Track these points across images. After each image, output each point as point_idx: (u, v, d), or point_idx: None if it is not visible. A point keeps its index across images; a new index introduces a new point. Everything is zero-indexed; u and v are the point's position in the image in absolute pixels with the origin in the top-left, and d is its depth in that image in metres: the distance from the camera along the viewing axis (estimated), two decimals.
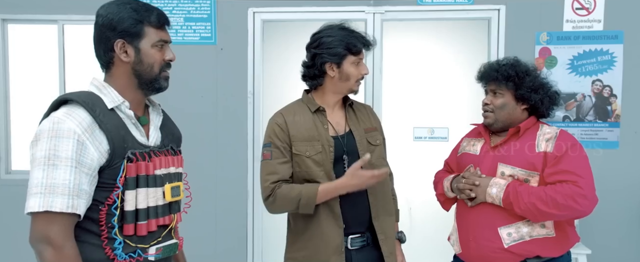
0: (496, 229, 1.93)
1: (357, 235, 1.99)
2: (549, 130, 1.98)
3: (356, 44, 1.93)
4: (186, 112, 3.28)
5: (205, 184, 3.31)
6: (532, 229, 1.92)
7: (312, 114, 2.00)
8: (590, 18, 3.13)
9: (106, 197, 1.36)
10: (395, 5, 3.24)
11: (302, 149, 1.96)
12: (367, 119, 2.09)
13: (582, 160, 1.92)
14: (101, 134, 1.34)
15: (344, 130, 2.02)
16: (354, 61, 1.95)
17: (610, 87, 3.13)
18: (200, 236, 3.34)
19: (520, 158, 1.93)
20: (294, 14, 3.30)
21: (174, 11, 3.29)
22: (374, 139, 2.05)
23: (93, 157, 1.31)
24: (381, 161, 2.06)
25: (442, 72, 4.37)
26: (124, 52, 1.42)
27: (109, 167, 1.35)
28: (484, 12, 3.21)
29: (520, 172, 1.92)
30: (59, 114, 1.33)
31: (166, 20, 1.48)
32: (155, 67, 1.46)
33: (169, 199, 1.49)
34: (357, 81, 1.99)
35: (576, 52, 3.14)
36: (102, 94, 1.41)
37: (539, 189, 1.87)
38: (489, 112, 2.03)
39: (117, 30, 1.41)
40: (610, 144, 3.14)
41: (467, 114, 4.06)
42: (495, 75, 2.00)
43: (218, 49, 3.30)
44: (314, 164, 1.94)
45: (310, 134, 1.96)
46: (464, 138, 2.23)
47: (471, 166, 2.06)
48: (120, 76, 1.45)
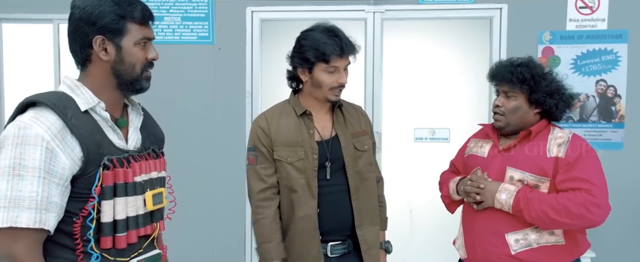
0: (503, 235, 1.87)
1: (337, 242, 1.93)
2: (561, 133, 1.91)
3: (327, 51, 1.80)
4: (183, 112, 3.25)
5: (202, 184, 3.27)
6: (540, 236, 1.85)
7: (297, 117, 1.92)
8: (594, 17, 3.08)
9: (81, 209, 1.24)
10: (396, 4, 3.20)
11: (284, 155, 1.90)
12: (357, 122, 2.00)
13: (596, 166, 1.85)
14: (73, 140, 1.22)
15: (330, 134, 1.95)
16: (325, 69, 1.84)
17: (614, 87, 3.08)
18: (197, 237, 3.31)
19: (531, 163, 1.86)
20: (293, 13, 3.25)
21: (170, 10, 3.24)
22: (362, 144, 1.97)
23: (64, 165, 1.20)
24: (368, 167, 1.97)
25: (443, 72, 4.32)
26: (103, 50, 1.30)
27: (83, 176, 1.23)
28: (485, 11, 3.16)
29: (530, 178, 1.85)
30: (25, 118, 1.20)
31: (151, 15, 1.37)
32: (137, 67, 1.35)
33: (150, 207, 1.37)
34: (331, 90, 1.87)
35: (580, 51, 3.09)
36: (75, 95, 1.28)
37: (551, 196, 1.80)
38: (500, 115, 1.94)
39: (97, 25, 1.28)
40: (614, 145, 3.08)
41: (468, 115, 4.01)
42: (510, 77, 1.90)
43: (216, 49, 3.26)
44: (294, 170, 1.88)
45: (293, 139, 1.90)
46: (471, 138, 2.17)
47: (478, 169, 2.00)
48: (97, 75, 1.32)
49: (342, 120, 1.98)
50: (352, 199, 1.93)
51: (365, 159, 1.96)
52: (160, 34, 3.24)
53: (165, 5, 3.24)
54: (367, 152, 1.98)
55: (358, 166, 1.94)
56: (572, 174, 1.80)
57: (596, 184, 1.79)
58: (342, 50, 1.83)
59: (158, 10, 3.23)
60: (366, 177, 1.96)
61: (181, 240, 3.29)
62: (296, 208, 1.89)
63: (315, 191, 1.89)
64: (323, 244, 1.92)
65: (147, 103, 3.43)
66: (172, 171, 3.35)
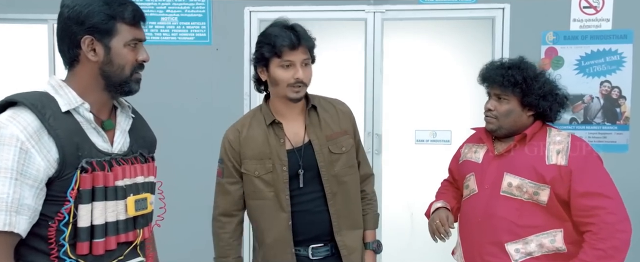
0: (503, 245, 1.81)
1: (319, 245, 1.87)
2: (559, 137, 1.84)
3: (278, 43, 1.72)
4: (181, 114, 3.21)
5: (200, 186, 3.22)
6: (541, 244, 1.79)
7: (267, 127, 1.85)
8: (598, 17, 3.03)
9: (56, 212, 1.21)
10: (396, 4, 3.15)
11: (251, 168, 1.84)
12: (334, 121, 1.90)
13: (603, 174, 1.79)
14: (50, 141, 1.19)
15: (303, 140, 1.85)
16: (280, 64, 1.76)
17: (619, 88, 3.03)
18: (196, 238, 3.27)
19: (529, 169, 1.80)
20: (292, 14, 3.18)
21: (167, 10, 3.20)
22: (339, 147, 1.87)
23: (39, 167, 1.17)
24: (346, 170, 1.87)
25: (444, 73, 4.28)
26: (91, 50, 1.27)
27: (59, 178, 1.20)
28: (487, 11, 3.11)
29: (529, 184, 1.79)
30: (2, 117, 1.19)
31: (142, 16, 1.34)
32: (127, 69, 1.32)
33: (132, 213, 1.32)
34: (289, 86, 1.77)
35: (584, 52, 3.04)
36: (58, 95, 1.25)
37: (583, 256, 1.73)
38: (493, 118, 1.88)
39: (86, 25, 1.25)
40: (619, 148, 3.03)
41: (470, 117, 3.97)
42: (501, 80, 1.84)
43: (213, 49, 3.21)
44: (263, 184, 1.83)
45: (261, 151, 1.83)
46: (464, 144, 2.11)
47: (472, 175, 1.94)
48: (84, 76, 1.29)
49: (316, 122, 1.88)
50: (329, 205, 1.85)
51: (343, 162, 1.87)
52: (157, 35, 3.19)
53: (162, 6, 3.20)
54: (346, 153, 1.88)
55: (334, 170, 1.85)
56: (584, 188, 1.74)
57: (611, 195, 1.74)
58: (294, 42, 1.73)
59: (155, 11, 3.19)
60: (344, 181, 1.87)
61: (179, 242, 3.24)
62: (266, 221, 1.85)
63: (286, 203, 1.82)
64: (304, 247, 1.87)
65: (144, 104, 3.38)
66: (170, 172, 3.31)
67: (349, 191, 1.89)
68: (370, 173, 2.04)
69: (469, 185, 1.96)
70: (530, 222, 1.80)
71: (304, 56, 1.78)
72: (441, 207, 2.03)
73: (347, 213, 1.89)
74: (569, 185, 1.75)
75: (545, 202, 1.78)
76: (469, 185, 1.96)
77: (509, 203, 1.82)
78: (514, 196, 1.82)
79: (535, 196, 1.78)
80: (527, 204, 1.80)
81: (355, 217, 1.92)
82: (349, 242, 1.88)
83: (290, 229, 1.83)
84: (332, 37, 4.04)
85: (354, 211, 1.92)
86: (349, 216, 1.90)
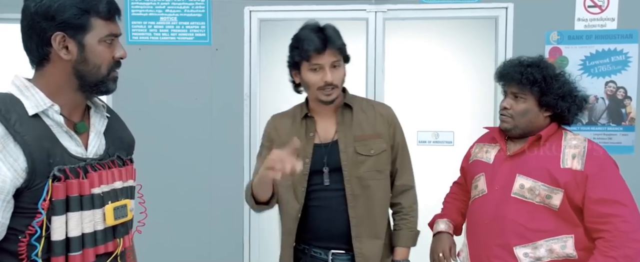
0: (511, 248, 1.77)
1: (340, 251, 1.84)
2: (576, 141, 1.80)
3: (306, 47, 1.73)
4: (180, 114, 3.18)
5: (199, 188, 3.21)
6: (551, 250, 1.75)
7: (300, 120, 1.89)
8: (603, 16, 2.98)
9: (27, 225, 1.11)
10: (398, 3, 3.11)
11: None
12: (369, 124, 1.88)
13: (620, 181, 1.75)
14: (17, 149, 1.09)
15: (332, 138, 1.86)
16: (310, 68, 1.77)
17: (624, 88, 2.98)
18: (194, 241, 3.24)
19: (542, 171, 1.75)
20: (293, 13, 3.17)
21: (167, 10, 3.16)
22: (368, 149, 1.85)
23: (5, 178, 1.07)
24: (373, 173, 1.85)
25: (446, 74, 4.25)
26: (63, 48, 1.17)
27: (28, 189, 1.10)
28: (490, 10, 3.07)
29: (542, 187, 1.74)
30: None
31: (117, 9, 1.24)
32: (103, 68, 1.22)
33: (111, 222, 1.24)
34: (319, 90, 1.78)
35: (588, 52, 3.00)
36: (24, 97, 1.15)
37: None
38: (508, 117, 1.83)
39: (56, 20, 1.14)
40: (624, 149, 2.98)
41: (473, 117, 3.93)
42: (519, 78, 1.79)
43: (213, 50, 3.17)
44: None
45: (288, 141, 1.81)
46: (475, 143, 2.06)
47: (482, 175, 1.90)
48: (55, 75, 1.19)
49: (348, 121, 1.88)
50: (349, 207, 1.82)
51: (369, 165, 1.84)
52: (156, 35, 3.16)
53: (161, 5, 3.16)
54: (375, 157, 1.85)
55: (359, 171, 1.83)
56: (599, 194, 1.70)
57: (626, 203, 1.70)
58: (319, 45, 1.73)
59: (154, 10, 3.15)
60: (368, 184, 1.84)
61: (178, 244, 3.21)
62: (283, 208, 1.90)
63: (300, 195, 1.83)
64: (324, 250, 1.84)
65: (143, 105, 3.36)
66: (169, 174, 3.28)
67: (373, 196, 1.84)
68: (410, 185, 1.96)
69: (478, 185, 1.91)
70: (541, 227, 1.75)
71: (333, 58, 1.78)
72: (444, 232, 1.98)
73: (369, 220, 1.84)
74: (583, 190, 1.71)
75: (558, 206, 1.74)
76: (478, 185, 1.91)
77: (520, 206, 1.77)
78: (525, 199, 1.77)
79: (547, 199, 1.74)
80: (538, 207, 1.76)
81: (377, 226, 1.86)
82: (366, 250, 1.83)
83: (296, 221, 1.83)
84: None
85: (377, 219, 1.86)
86: (371, 223, 1.84)
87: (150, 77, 3.12)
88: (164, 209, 3.11)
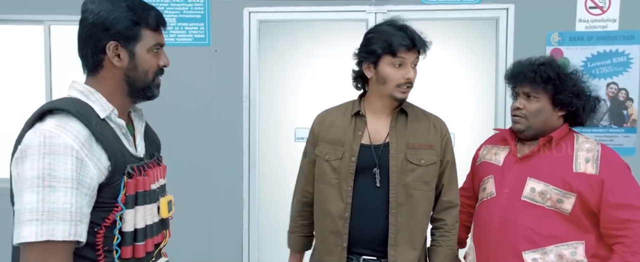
0: (521, 253, 1.73)
1: (372, 258, 1.79)
2: (589, 145, 1.76)
3: (394, 42, 1.72)
4: (179, 116, 3.16)
5: (199, 190, 3.19)
6: (561, 256, 1.71)
7: (351, 117, 1.85)
8: (604, 17, 2.96)
9: (103, 218, 1.22)
10: (398, 4, 3.10)
11: (323, 152, 1.85)
12: (423, 133, 1.83)
13: (633, 183, 1.71)
14: (100, 149, 1.20)
15: (384, 140, 1.81)
16: (392, 62, 1.74)
17: (626, 90, 2.96)
18: (194, 243, 3.22)
19: (555, 175, 1.72)
20: (292, 14, 3.15)
21: (165, 11, 3.14)
22: (418, 158, 1.79)
23: (93, 175, 1.17)
24: (419, 184, 1.79)
25: (447, 75, 4.22)
26: (116, 56, 1.28)
27: (108, 185, 1.21)
28: (491, 11, 3.05)
29: (554, 191, 1.70)
30: (48, 126, 1.16)
31: (164, 22, 1.36)
32: (150, 74, 1.33)
33: (165, 215, 1.39)
34: (398, 86, 1.77)
35: (590, 53, 2.98)
36: (91, 101, 1.26)
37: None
38: (521, 118, 1.79)
39: (111, 31, 1.26)
40: (626, 151, 2.96)
41: (473, 119, 3.91)
42: (533, 76, 1.75)
43: (212, 51, 3.16)
44: (330, 169, 1.82)
45: (337, 138, 1.83)
46: (482, 145, 2.03)
47: (491, 178, 1.86)
48: (108, 81, 1.30)
49: (401, 126, 1.83)
50: (390, 214, 1.77)
51: (418, 175, 1.78)
52: None
53: (160, 6, 3.14)
54: (424, 167, 1.79)
55: (406, 179, 1.77)
56: (617, 199, 1.66)
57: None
58: (409, 42, 1.74)
59: None
60: (412, 194, 1.78)
61: (177, 246, 3.19)
62: (325, 206, 1.85)
63: (346, 193, 1.79)
64: (356, 256, 1.81)
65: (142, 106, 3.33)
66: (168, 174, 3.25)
67: (415, 206, 1.79)
68: (456, 203, 1.89)
69: (486, 188, 1.88)
70: (551, 232, 1.72)
71: (415, 56, 1.79)
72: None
73: (408, 230, 1.79)
74: (599, 195, 1.68)
75: (569, 211, 1.71)
76: (487, 188, 1.87)
77: (530, 210, 1.74)
78: (535, 203, 1.74)
79: (559, 203, 1.71)
80: (549, 212, 1.72)
81: (416, 237, 1.81)
82: (400, 260, 1.78)
83: (347, 221, 1.79)
84: (333, 38, 3.98)
85: (416, 231, 1.81)
86: (409, 233, 1.79)
87: None
88: None
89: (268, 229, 3.35)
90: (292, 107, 4.17)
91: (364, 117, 1.84)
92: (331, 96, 2.16)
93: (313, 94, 4.09)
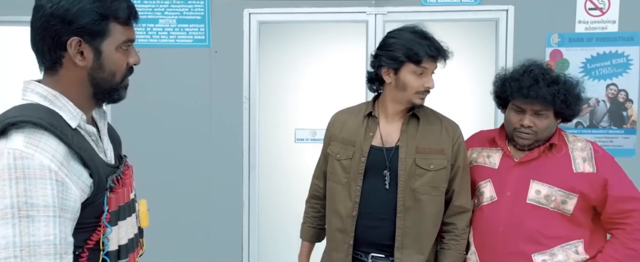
0: (530, 255, 1.76)
1: (380, 256, 1.81)
2: (580, 143, 1.82)
3: (419, 51, 1.74)
4: (179, 118, 3.16)
5: (199, 190, 3.19)
6: (567, 255, 1.75)
7: (363, 117, 1.88)
8: (604, 19, 2.97)
9: (86, 240, 1.07)
10: (398, 5, 3.09)
11: (335, 150, 1.89)
12: (433, 137, 1.84)
13: (625, 176, 1.79)
14: (79, 166, 1.04)
15: (395, 143, 1.83)
16: (414, 70, 1.76)
17: (625, 91, 2.97)
18: (193, 244, 3.22)
19: (558, 177, 1.76)
20: (292, 15, 3.15)
21: (166, 12, 3.15)
22: (428, 163, 1.80)
23: (76, 197, 1.02)
24: (428, 189, 1.79)
25: (447, 76, 4.21)
26: (79, 54, 1.09)
27: (91, 204, 1.06)
28: (491, 12, 3.05)
29: (559, 193, 1.75)
30: (17, 144, 0.98)
31: (136, 14, 1.18)
32: (118, 75, 1.16)
33: (146, 224, 1.26)
34: (417, 93, 1.79)
35: (589, 54, 2.98)
36: (57, 108, 1.07)
37: (613, 252, 1.72)
38: (531, 135, 1.79)
39: (74, 25, 1.07)
40: (626, 152, 2.96)
41: (473, 120, 3.91)
42: (552, 99, 1.74)
43: (212, 52, 3.16)
44: (340, 168, 1.85)
45: (349, 138, 1.87)
46: (468, 148, 2.03)
47: (489, 181, 1.88)
48: (70, 82, 1.11)
49: (412, 130, 1.84)
50: (397, 218, 1.79)
51: (426, 180, 1.79)
52: (154, 37, 3.15)
53: (160, 8, 3.14)
54: (433, 172, 1.80)
55: (414, 184, 1.79)
56: (621, 193, 1.73)
57: (639, 196, 1.74)
58: (435, 52, 1.76)
59: (152, 13, 3.14)
60: (421, 198, 1.79)
61: (178, 244, 3.19)
62: (335, 205, 1.88)
63: (354, 193, 1.82)
64: (364, 254, 1.84)
65: (142, 108, 3.34)
66: (169, 175, 3.26)
67: (423, 211, 1.80)
68: (467, 208, 1.89)
69: (484, 192, 1.88)
70: (556, 233, 1.76)
71: (436, 65, 1.82)
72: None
73: (415, 234, 1.80)
74: (600, 191, 1.74)
75: (571, 211, 1.75)
76: (485, 192, 1.88)
77: (535, 212, 1.77)
78: (540, 205, 1.77)
79: (562, 204, 1.74)
80: (552, 213, 1.76)
81: (423, 242, 1.82)
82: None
83: (354, 220, 1.82)
84: (332, 39, 3.98)
85: (424, 235, 1.82)
86: (417, 237, 1.80)
87: (149, 80, 3.10)
88: (164, 210, 3.09)
89: (268, 229, 3.35)
90: (292, 108, 4.17)
91: (376, 118, 1.86)
92: (331, 97, 2.17)
93: (313, 95, 4.09)
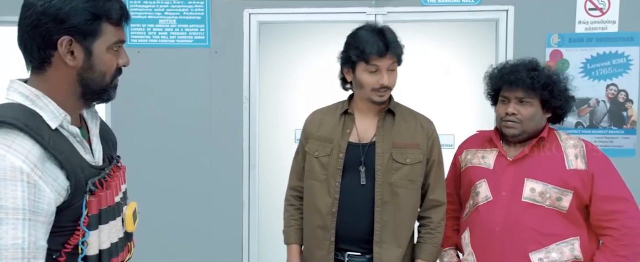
0: (527, 254, 1.76)
1: (356, 254, 1.83)
2: (572, 141, 1.82)
3: (366, 49, 1.74)
4: (179, 118, 3.16)
5: (199, 190, 3.19)
6: (562, 253, 1.75)
7: (340, 115, 1.91)
8: (604, 19, 2.97)
9: (63, 244, 1.06)
10: (398, 6, 3.10)
11: (313, 148, 1.90)
12: (409, 132, 1.87)
13: (617, 176, 1.78)
14: (55, 168, 1.02)
15: (371, 139, 1.86)
16: (366, 69, 1.78)
17: (625, 91, 2.97)
18: (193, 244, 3.22)
19: (551, 174, 1.76)
20: (292, 16, 3.15)
21: (166, 12, 3.15)
22: (404, 157, 1.83)
23: (50, 200, 1.00)
24: (405, 182, 1.83)
25: (447, 76, 4.23)
26: (69, 53, 1.08)
27: (68, 208, 1.04)
28: (491, 12, 3.06)
29: (553, 190, 1.75)
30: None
31: (128, 15, 1.17)
32: (108, 76, 1.15)
33: (131, 228, 1.22)
34: (374, 91, 1.80)
35: (589, 54, 2.98)
36: (38, 108, 1.06)
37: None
38: (516, 123, 1.81)
39: (66, 24, 1.06)
40: (626, 152, 2.97)
41: (473, 120, 3.91)
42: (531, 82, 1.77)
43: (212, 52, 3.16)
44: (318, 165, 1.87)
45: (326, 135, 1.89)
46: (462, 150, 2.04)
47: (484, 181, 1.88)
48: (58, 81, 1.10)
49: (388, 126, 1.88)
50: (375, 212, 1.81)
51: (403, 174, 1.83)
52: (155, 37, 3.15)
53: (160, 8, 3.15)
54: (409, 166, 1.83)
55: (391, 178, 1.81)
56: (606, 191, 1.73)
57: (629, 198, 1.74)
58: (382, 49, 1.75)
59: (153, 13, 3.14)
60: (399, 192, 1.82)
61: (178, 244, 3.19)
62: (314, 202, 1.89)
63: (333, 189, 1.83)
64: (341, 252, 1.86)
65: (142, 108, 3.34)
66: (169, 175, 3.27)
67: (401, 204, 1.82)
68: (442, 201, 1.93)
69: (480, 192, 1.89)
70: (552, 231, 1.77)
71: (391, 62, 1.80)
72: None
73: (393, 227, 1.83)
74: (590, 189, 1.74)
75: (566, 208, 1.75)
76: (480, 192, 1.88)
77: (532, 210, 1.78)
78: (536, 203, 1.77)
79: (557, 201, 1.74)
80: (548, 211, 1.77)
81: (401, 235, 1.85)
82: (385, 257, 1.82)
83: (334, 217, 1.83)
84: (332, 39, 3.98)
85: (401, 228, 1.85)
86: (395, 231, 1.83)
87: (149, 80, 3.11)
88: (164, 210, 3.09)
89: (268, 229, 3.35)
90: (292, 109, 4.17)
91: (352, 115, 1.89)
92: (331, 97, 2.16)
93: (313, 95, 4.08)
